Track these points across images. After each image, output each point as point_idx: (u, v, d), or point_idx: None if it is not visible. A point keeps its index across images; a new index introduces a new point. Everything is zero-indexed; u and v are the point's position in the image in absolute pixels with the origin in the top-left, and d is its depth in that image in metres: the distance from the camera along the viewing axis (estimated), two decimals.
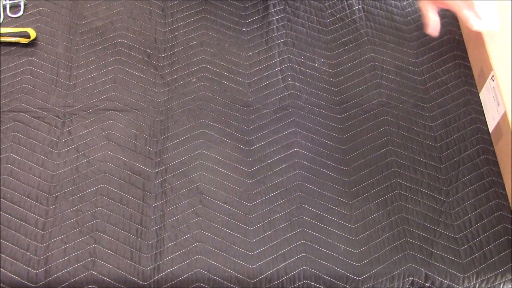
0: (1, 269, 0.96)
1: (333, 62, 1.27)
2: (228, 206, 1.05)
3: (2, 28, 1.22)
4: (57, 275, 0.97)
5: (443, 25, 1.34)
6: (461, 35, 1.32)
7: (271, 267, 0.99)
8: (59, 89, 1.19)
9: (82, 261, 0.98)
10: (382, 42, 1.30)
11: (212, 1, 1.35)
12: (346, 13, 1.35)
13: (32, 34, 1.23)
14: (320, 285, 0.98)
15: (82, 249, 0.99)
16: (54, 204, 1.04)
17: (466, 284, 0.99)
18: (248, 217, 1.04)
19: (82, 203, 1.04)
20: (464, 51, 1.29)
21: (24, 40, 1.22)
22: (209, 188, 1.07)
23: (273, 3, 1.35)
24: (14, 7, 1.31)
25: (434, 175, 1.11)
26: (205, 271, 0.98)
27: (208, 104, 1.18)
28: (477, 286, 1.00)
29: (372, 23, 1.33)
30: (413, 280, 0.99)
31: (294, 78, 1.23)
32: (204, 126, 1.15)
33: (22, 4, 1.32)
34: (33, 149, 1.10)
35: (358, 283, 0.99)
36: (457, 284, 0.99)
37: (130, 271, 0.98)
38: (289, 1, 1.36)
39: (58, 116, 1.15)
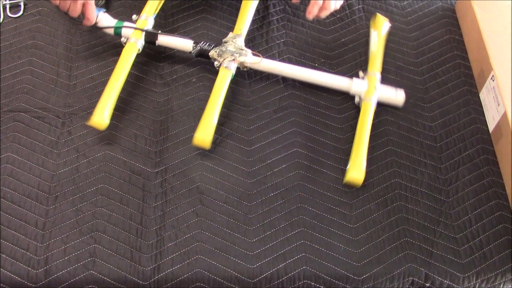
0: (1, 269, 0.96)
1: (333, 62, 1.26)
2: (228, 206, 1.05)
3: None
4: (57, 275, 0.96)
5: (443, 25, 1.34)
6: (461, 35, 1.32)
7: (271, 267, 0.99)
8: (59, 89, 1.19)
9: (82, 261, 0.98)
10: None
11: (212, 1, 1.35)
12: (346, 13, 1.35)
13: None
14: (320, 285, 0.98)
15: (82, 249, 0.99)
16: (54, 204, 1.04)
17: (466, 284, 0.99)
18: (248, 217, 1.04)
19: (82, 203, 1.04)
20: (464, 51, 1.29)
21: None
22: (209, 188, 1.07)
23: (273, 3, 1.35)
24: (14, 7, 1.32)
25: (434, 175, 1.11)
26: (205, 271, 0.98)
27: None
28: (477, 286, 1.00)
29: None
30: (413, 280, 0.99)
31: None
32: None
33: (22, 4, 1.32)
34: (33, 149, 1.10)
35: (358, 283, 0.99)
36: (457, 284, 0.99)
37: (130, 271, 0.98)
38: (289, 1, 1.36)
39: (58, 116, 1.15)
